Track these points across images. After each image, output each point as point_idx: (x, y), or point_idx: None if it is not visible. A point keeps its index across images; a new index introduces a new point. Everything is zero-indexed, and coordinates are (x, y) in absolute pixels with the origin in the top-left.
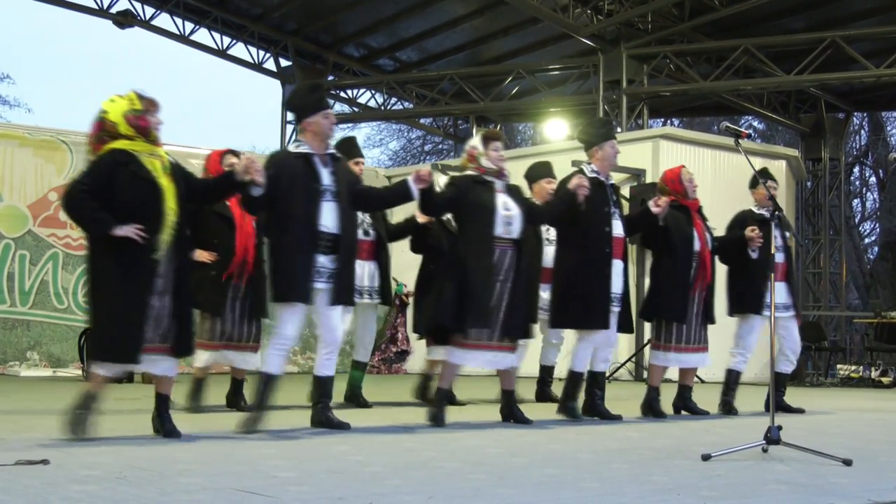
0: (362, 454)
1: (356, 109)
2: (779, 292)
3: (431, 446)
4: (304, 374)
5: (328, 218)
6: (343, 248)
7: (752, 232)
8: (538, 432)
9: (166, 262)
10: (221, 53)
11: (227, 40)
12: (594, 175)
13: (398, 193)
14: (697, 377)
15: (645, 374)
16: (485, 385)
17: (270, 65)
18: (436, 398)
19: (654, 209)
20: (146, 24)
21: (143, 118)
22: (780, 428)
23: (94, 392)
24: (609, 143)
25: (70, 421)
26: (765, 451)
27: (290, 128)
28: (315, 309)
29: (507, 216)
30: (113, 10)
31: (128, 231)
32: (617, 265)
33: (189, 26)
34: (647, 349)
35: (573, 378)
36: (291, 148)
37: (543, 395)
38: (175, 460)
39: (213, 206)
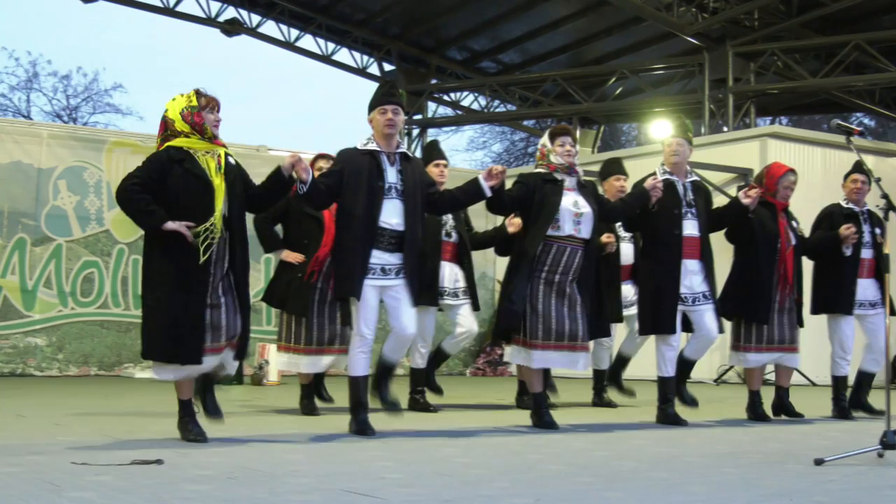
0: (469, 456)
1: (459, 112)
2: (867, 289)
3: (538, 449)
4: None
5: (391, 215)
6: (408, 245)
7: (847, 230)
8: (645, 435)
9: (221, 261)
10: (326, 59)
11: (331, 46)
12: (666, 176)
13: (470, 193)
14: (808, 380)
15: None
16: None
17: (374, 69)
18: (532, 405)
19: (745, 200)
20: (253, 32)
21: (199, 115)
22: None
23: (185, 398)
24: (666, 141)
25: (180, 429)
26: (880, 455)
27: None
28: (388, 306)
29: (577, 215)
30: (220, 19)
31: (178, 226)
32: (691, 265)
33: (294, 33)
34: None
35: (663, 383)
36: (359, 145)
37: (600, 400)
38: (286, 461)
39: (304, 207)
